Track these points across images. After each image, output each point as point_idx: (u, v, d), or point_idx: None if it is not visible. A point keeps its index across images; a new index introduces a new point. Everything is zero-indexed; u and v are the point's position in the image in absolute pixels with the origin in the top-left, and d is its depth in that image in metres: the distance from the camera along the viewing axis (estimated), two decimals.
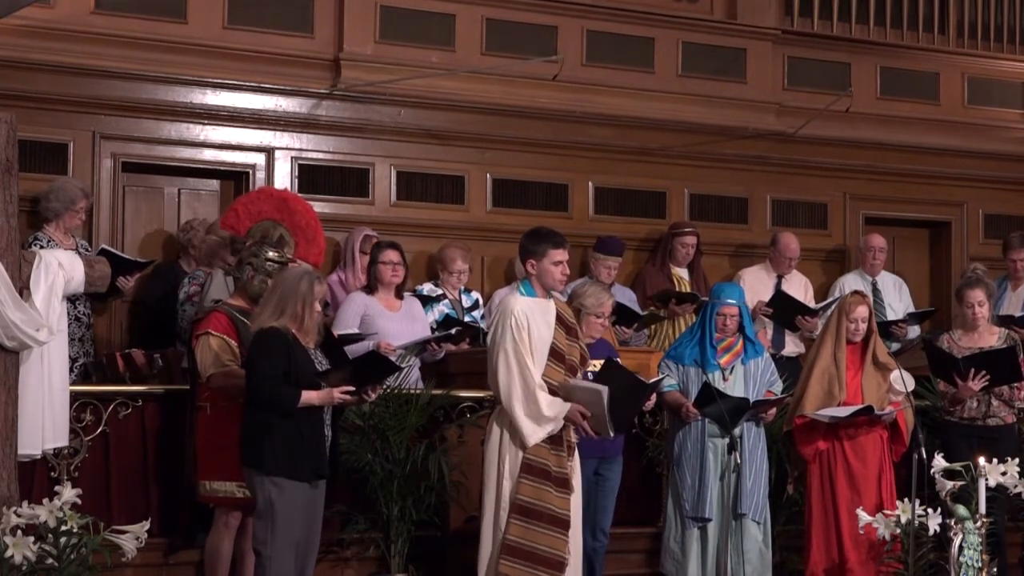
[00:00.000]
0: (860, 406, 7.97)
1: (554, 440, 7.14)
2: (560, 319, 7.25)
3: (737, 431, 7.87)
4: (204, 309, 7.78)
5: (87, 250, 8.83)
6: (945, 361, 8.53)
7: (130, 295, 9.20)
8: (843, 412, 7.97)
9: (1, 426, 6.59)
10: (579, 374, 7.36)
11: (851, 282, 10.77)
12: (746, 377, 7.98)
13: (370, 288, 8.88)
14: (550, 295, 7.30)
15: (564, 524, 7.13)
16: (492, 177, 10.81)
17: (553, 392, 7.12)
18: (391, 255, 8.83)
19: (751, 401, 7.89)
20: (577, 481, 7.25)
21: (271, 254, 7.45)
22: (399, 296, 8.89)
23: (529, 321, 7.09)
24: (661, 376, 7.84)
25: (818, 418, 8.01)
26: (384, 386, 7.46)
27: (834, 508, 8.05)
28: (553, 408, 7.07)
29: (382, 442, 8.04)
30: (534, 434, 7.06)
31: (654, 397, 7.72)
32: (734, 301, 8.09)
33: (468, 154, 10.75)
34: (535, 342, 7.09)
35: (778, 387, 8.28)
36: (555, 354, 7.19)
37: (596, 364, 7.60)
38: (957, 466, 7.33)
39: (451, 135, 10.67)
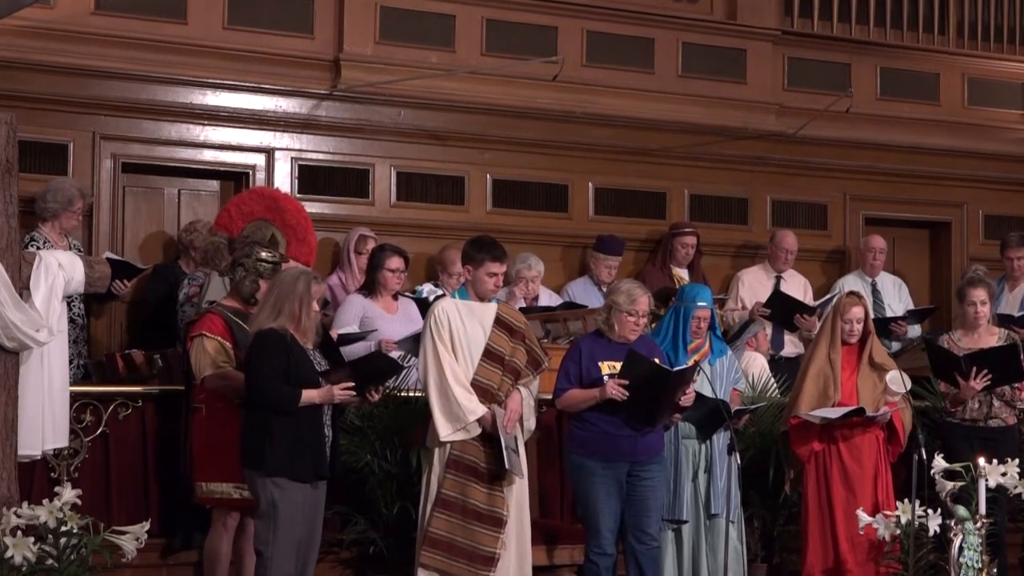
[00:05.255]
0: (852, 407, 7.97)
1: (486, 436, 7.26)
2: (501, 322, 7.42)
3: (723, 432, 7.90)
4: (200, 311, 7.79)
5: (80, 251, 8.82)
6: (947, 360, 8.53)
7: (128, 296, 9.20)
8: (835, 413, 7.96)
9: (1, 426, 6.58)
10: (531, 378, 7.50)
11: (851, 283, 10.77)
12: (713, 377, 7.95)
13: (368, 290, 8.87)
14: (494, 299, 7.49)
15: (492, 520, 7.29)
16: (492, 177, 10.81)
17: (487, 392, 7.25)
18: (398, 263, 8.83)
19: (722, 400, 7.85)
20: (518, 478, 7.35)
21: (263, 254, 7.45)
22: (395, 298, 8.90)
23: (450, 321, 7.31)
24: (687, 366, 7.73)
25: (810, 419, 8.01)
26: (385, 386, 7.47)
27: (830, 509, 8.05)
28: (466, 408, 7.21)
29: (381, 443, 8.04)
30: (444, 428, 7.25)
31: (692, 392, 7.61)
32: (707, 304, 8.09)
33: (468, 154, 10.75)
34: (461, 341, 7.30)
35: (742, 384, 8.37)
36: (491, 355, 7.34)
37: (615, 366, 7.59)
38: (957, 467, 7.33)
39: (451, 135, 10.68)
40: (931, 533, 7.50)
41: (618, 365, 7.49)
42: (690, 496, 7.99)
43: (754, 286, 10.73)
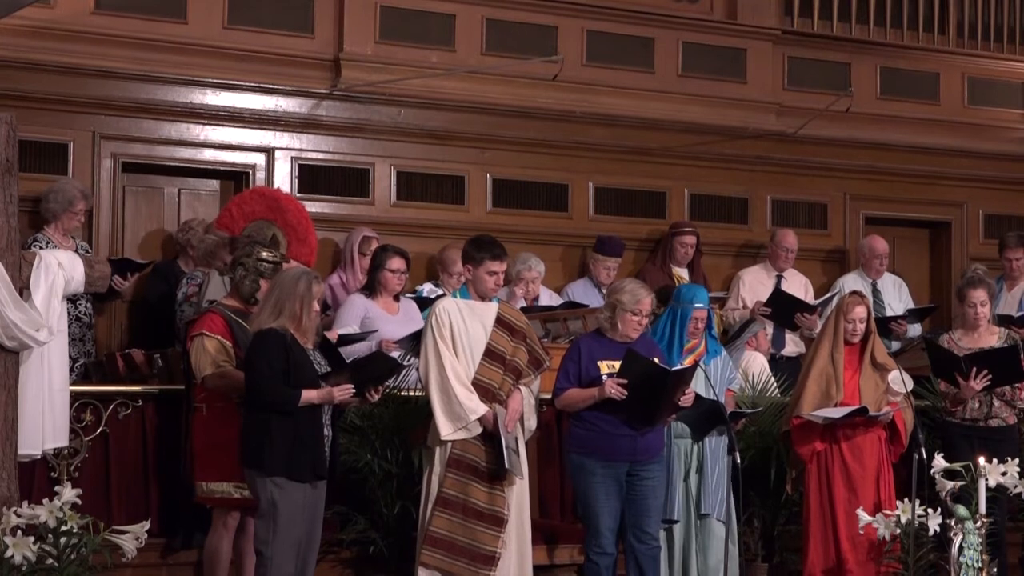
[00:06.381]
0: (855, 407, 7.97)
1: (487, 436, 7.28)
2: (502, 321, 7.44)
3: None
4: (199, 310, 7.79)
5: (87, 251, 8.83)
6: (947, 360, 8.53)
7: (129, 295, 9.20)
8: (838, 413, 7.96)
9: (1, 426, 6.59)
10: (532, 377, 7.52)
11: (851, 282, 10.78)
12: (707, 377, 7.94)
13: (369, 290, 8.88)
14: (495, 299, 7.51)
15: (493, 519, 7.30)
16: (492, 177, 10.81)
17: (488, 391, 7.26)
18: (399, 263, 8.83)
19: (719, 402, 7.84)
20: (518, 477, 7.36)
21: (264, 254, 7.45)
22: (396, 299, 8.90)
23: (451, 320, 7.33)
24: (686, 365, 7.72)
25: (813, 419, 8.01)
26: (385, 386, 7.48)
27: (831, 509, 8.05)
28: (467, 407, 7.23)
29: (382, 442, 8.04)
30: (445, 427, 7.26)
31: (691, 393, 7.59)
32: (704, 305, 8.08)
33: (468, 154, 10.75)
34: (462, 340, 7.33)
35: (736, 384, 8.38)
36: (492, 355, 7.36)
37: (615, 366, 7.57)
38: (957, 466, 7.33)
39: (451, 135, 10.68)
40: (931, 533, 7.50)
41: (617, 364, 7.48)
42: (681, 496, 7.99)
43: (755, 285, 10.73)
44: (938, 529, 7.43)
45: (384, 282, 8.81)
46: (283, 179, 10.12)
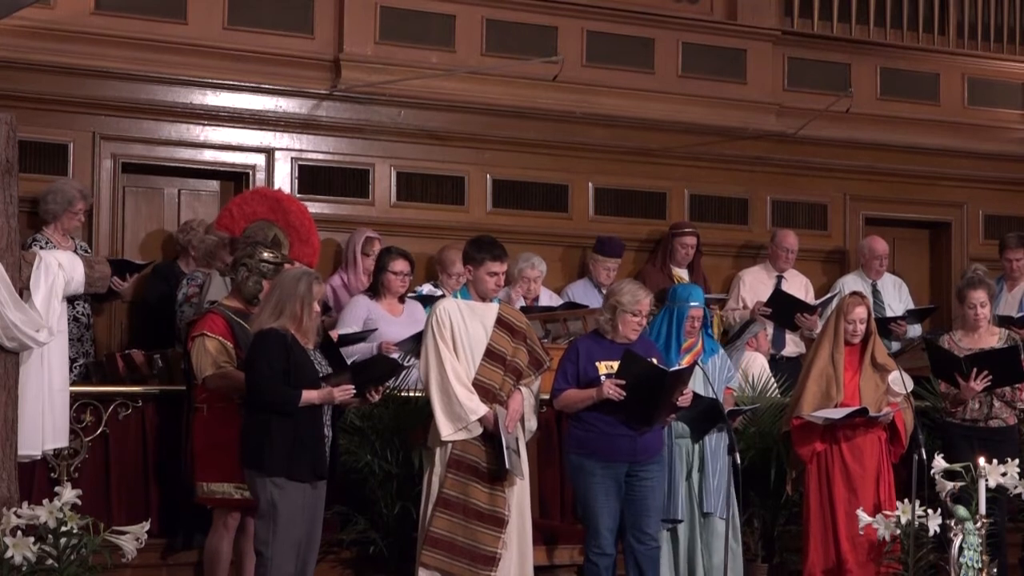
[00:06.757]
0: (855, 408, 7.97)
1: (487, 436, 7.28)
2: (503, 322, 7.44)
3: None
4: (200, 311, 7.79)
5: (86, 251, 8.83)
6: (947, 360, 8.53)
7: (129, 296, 9.20)
8: (838, 414, 7.97)
9: (1, 427, 6.59)
10: (533, 378, 7.53)
11: (851, 283, 10.78)
12: (706, 376, 7.94)
13: (373, 292, 8.89)
14: (496, 299, 7.52)
15: (493, 520, 7.31)
16: (492, 177, 10.81)
17: (488, 392, 7.27)
18: (402, 265, 8.83)
19: (718, 399, 7.84)
20: (518, 478, 7.36)
21: (265, 255, 7.45)
22: (401, 300, 8.91)
23: (452, 320, 7.33)
24: (684, 366, 7.73)
25: (813, 419, 8.01)
26: (385, 387, 7.48)
27: (831, 509, 8.05)
28: (468, 408, 7.23)
29: (382, 443, 8.04)
30: (445, 428, 7.27)
31: (690, 393, 7.59)
32: (700, 303, 8.08)
33: (468, 154, 10.75)
34: (463, 341, 7.33)
35: (735, 382, 8.39)
36: (492, 355, 7.37)
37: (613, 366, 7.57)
38: (957, 467, 7.33)
39: (451, 135, 10.68)
40: (931, 533, 7.50)
41: (615, 365, 7.48)
42: (684, 495, 8.00)
43: (755, 286, 10.73)
44: (938, 530, 7.43)
45: (387, 284, 8.83)
46: (283, 180, 10.12)
